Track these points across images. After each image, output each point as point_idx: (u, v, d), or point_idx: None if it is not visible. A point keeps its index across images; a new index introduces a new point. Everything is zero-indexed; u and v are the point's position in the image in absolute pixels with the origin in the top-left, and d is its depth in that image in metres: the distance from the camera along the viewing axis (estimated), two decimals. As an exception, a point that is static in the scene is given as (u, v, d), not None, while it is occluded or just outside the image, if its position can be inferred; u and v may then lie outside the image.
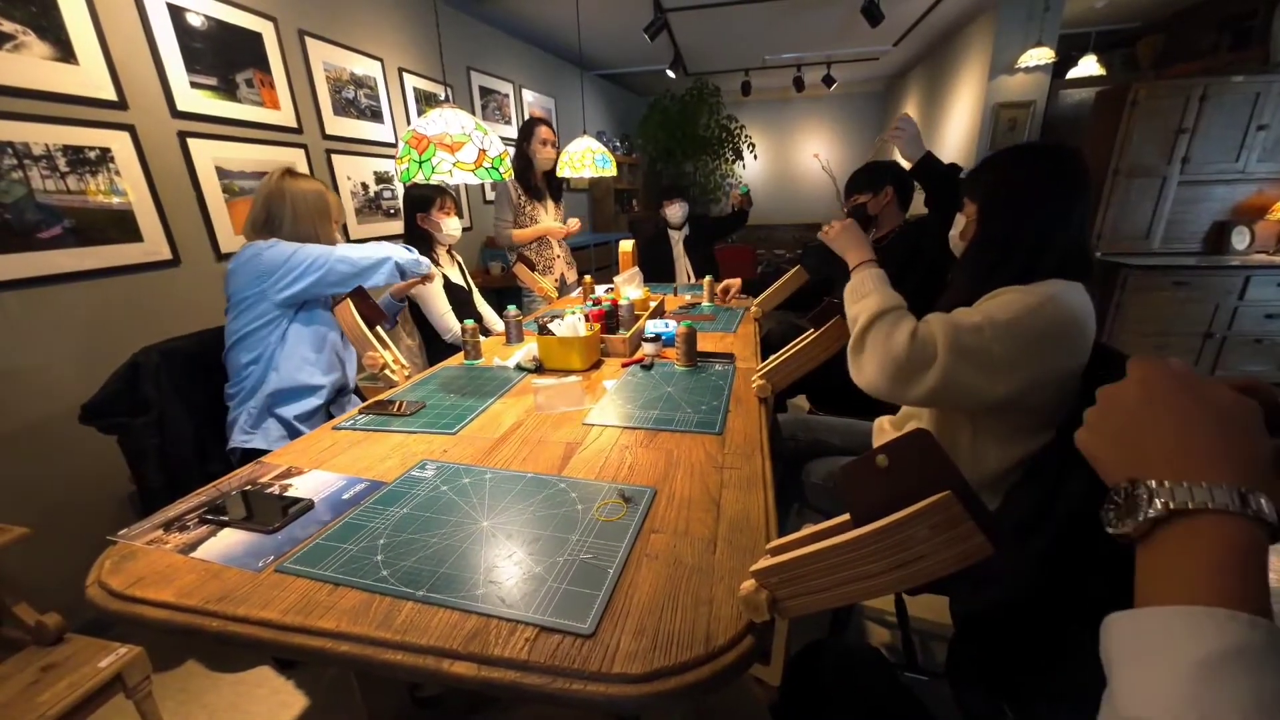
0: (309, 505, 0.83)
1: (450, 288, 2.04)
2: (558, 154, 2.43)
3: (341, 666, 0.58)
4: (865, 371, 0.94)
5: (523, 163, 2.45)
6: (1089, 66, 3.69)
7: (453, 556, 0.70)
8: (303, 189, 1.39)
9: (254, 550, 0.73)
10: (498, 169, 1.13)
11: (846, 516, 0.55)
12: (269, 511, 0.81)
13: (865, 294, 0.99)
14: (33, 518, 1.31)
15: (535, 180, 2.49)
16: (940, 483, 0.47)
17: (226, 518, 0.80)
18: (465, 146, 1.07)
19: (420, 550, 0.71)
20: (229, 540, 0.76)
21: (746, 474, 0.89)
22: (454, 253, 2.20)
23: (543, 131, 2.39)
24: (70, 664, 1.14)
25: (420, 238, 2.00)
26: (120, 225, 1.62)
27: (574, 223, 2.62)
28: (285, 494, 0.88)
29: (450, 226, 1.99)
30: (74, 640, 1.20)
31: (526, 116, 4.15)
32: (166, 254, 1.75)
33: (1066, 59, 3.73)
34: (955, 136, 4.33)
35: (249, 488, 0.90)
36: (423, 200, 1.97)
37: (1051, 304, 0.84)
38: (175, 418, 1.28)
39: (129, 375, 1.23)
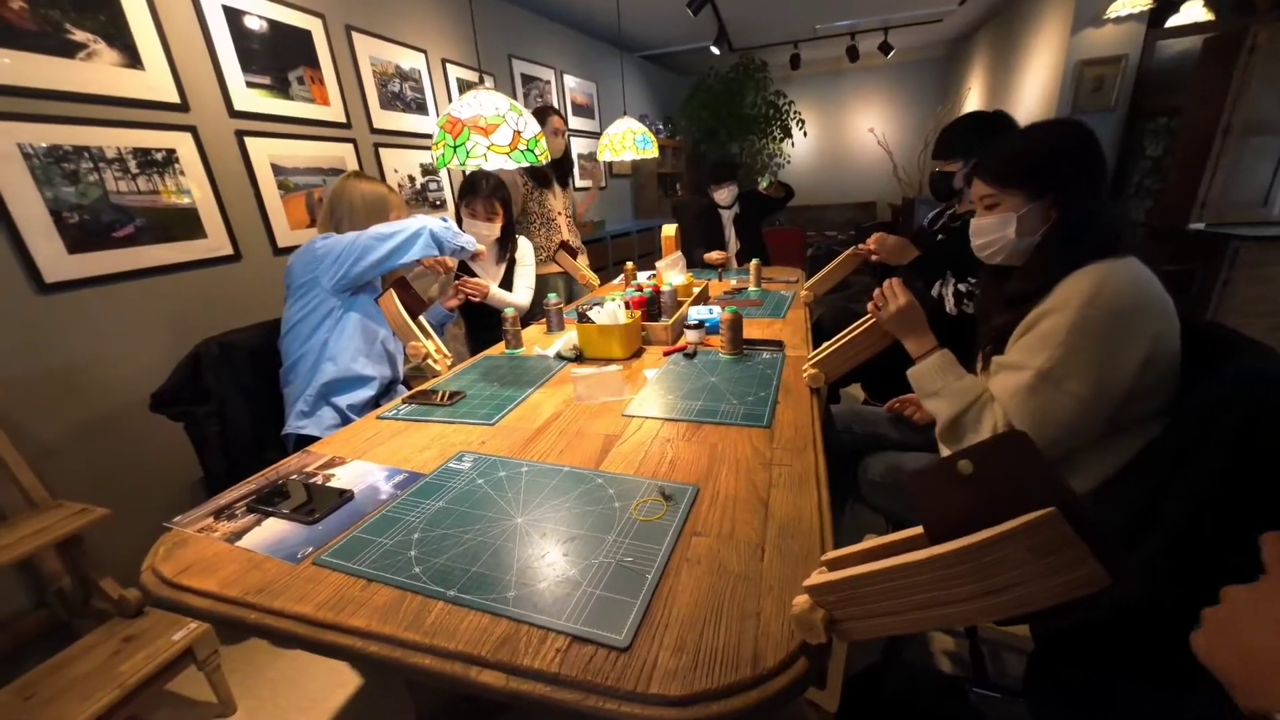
0: (350, 497, 0.83)
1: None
2: (568, 141, 2.40)
3: (371, 666, 0.56)
4: None
5: None
6: (1193, 12, 3.25)
7: (486, 554, 0.67)
8: (363, 189, 1.45)
9: (295, 541, 0.73)
10: (533, 150, 1.09)
11: (918, 530, 0.48)
12: (311, 503, 0.82)
13: (933, 392, 0.93)
14: (117, 500, 1.41)
15: (543, 167, 2.46)
16: (1040, 495, 0.39)
17: (271, 508, 0.81)
18: (500, 128, 1.04)
19: (453, 547, 0.69)
20: (272, 530, 0.76)
21: (798, 471, 0.82)
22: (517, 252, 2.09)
23: (554, 121, 2.37)
24: (148, 636, 1.22)
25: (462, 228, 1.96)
26: (186, 223, 1.71)
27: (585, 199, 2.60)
28: (328, 484, 0.88)
29: (470, 230, 1.79)
30: (152, 614, 1.28)
31: (569, 102, 4.14)
32: (229, 249, 1.83)
33: (1165, 5, 3.30)
34: (1029, 102, 3.95)
35: (295, 477, 0.91)
36: (461, 188, 1.91)
37: (1096, 302, 0.76)
38: (235, 406, 1.33)
39: (191, 366, 1.29)
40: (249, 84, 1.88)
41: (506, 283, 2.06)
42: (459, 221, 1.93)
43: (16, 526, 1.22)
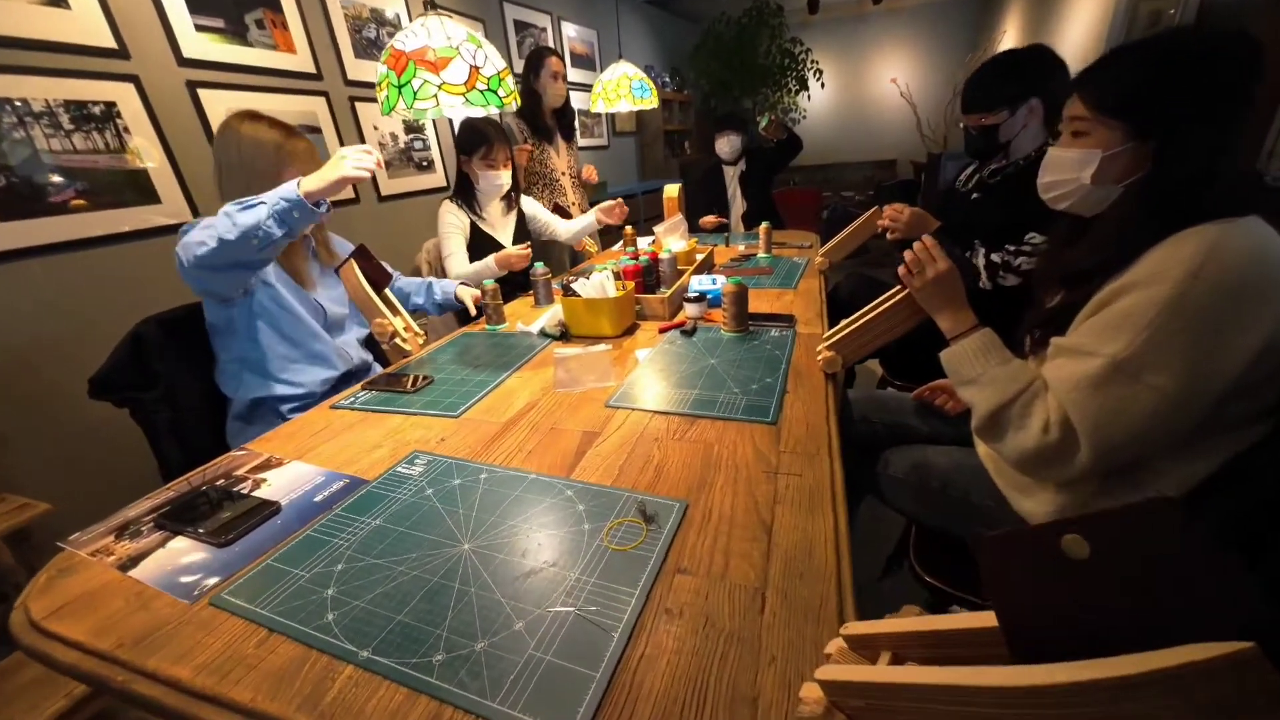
0: (275, 510, 0.71)
1: (482, 243, 1.78)
2: (568, 89, 2.17)
3: (253, 757, 0.44)
4: (1002, 461, 0.82)
5: (530, 99, 2.16)
6: (1271, -67, 2.85)
7: (417, 596, 0.54)
8: (244, 136, 1.04)
9: (197, 569, 0.61)
10: (495, 92, 0.90)
11: (988, 618, 0.33)
12: (228, 519, 0.69)
13: (970, 379, 0.78)
14: (71, 492, 1.31)
15: (544, 119, 2.22)
16: (1214, 612, 0.24)
17: (179, 525, 0.68)
18: (452, 63, 0.86)
19: (380, 584, 0.56)
20: (174, 554, 0.64)
21: (809, 484, 0.68)
22: (522, 199, 1.94)
23: (553, 63, 2.10)
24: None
25: (467, 184, 1.76)
26: (136, 186, 1.55)
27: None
28: (255, 491, 0.76)
29: (489, 182, 1.71)
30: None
31: (568, 52, 3.84)
32: (188, 216, 1.68)
33: (1239, -75, 2.90)
34: (1075, 44, 3.58)
35: (220, 482, 0.79)
36: (465, 141, 1.71)
37: (1202, 274, 0.59)
38: (185, 391, 1.20)
39: (133, 348, 1.15)
40: (199, 27, 1.69)
41: (520, 232, 1.91)
42: (474, 179, 1.72)
43: (-46, 522, 1.13)
